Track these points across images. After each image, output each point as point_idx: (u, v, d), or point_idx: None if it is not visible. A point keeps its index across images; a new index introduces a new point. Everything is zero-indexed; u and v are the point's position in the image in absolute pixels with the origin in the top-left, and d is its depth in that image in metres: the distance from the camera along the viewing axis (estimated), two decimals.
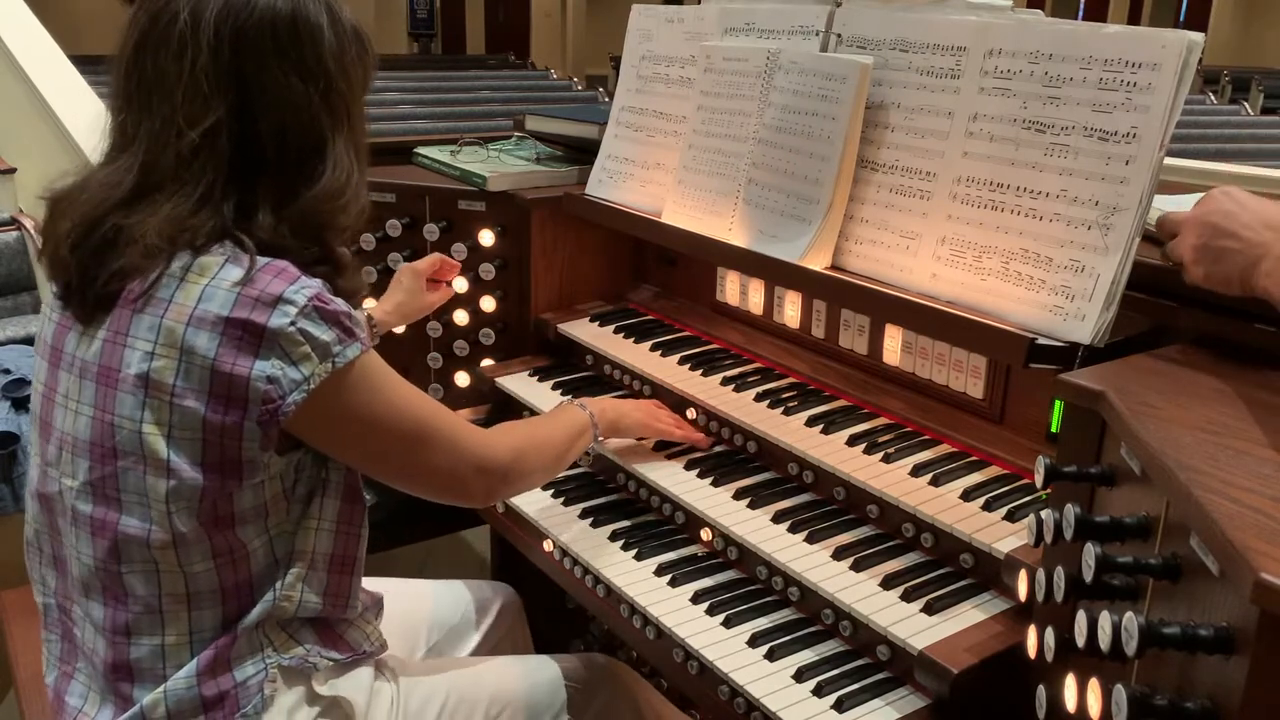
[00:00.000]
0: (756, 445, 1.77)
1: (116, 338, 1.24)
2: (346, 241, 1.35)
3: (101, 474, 1.25)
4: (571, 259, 2.27)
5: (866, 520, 1.59)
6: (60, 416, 1.30)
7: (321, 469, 1.35)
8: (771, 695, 1.36)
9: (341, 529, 1.37)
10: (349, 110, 1.32)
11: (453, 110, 7.95)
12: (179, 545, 1.25)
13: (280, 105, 1.26)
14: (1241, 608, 0.83)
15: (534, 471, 1.56)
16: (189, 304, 1.20)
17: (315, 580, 1.35)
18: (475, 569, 3.12)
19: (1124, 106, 1.38)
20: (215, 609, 1.29)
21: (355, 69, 1.33)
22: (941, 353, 1.70)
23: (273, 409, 1.21)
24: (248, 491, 1.26)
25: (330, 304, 1.24)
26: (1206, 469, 0.96)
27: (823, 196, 1.71)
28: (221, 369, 1.19)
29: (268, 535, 1.31)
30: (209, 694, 1.28)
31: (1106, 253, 1.38)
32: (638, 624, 1.58)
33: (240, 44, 1.24)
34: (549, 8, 18.16)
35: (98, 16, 14.72)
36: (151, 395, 1.21)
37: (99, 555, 1.27)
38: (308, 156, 1.28)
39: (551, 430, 1.63)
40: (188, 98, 1.23)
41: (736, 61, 1.92)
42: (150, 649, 1.29)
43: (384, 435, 1.31)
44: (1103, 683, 0.96)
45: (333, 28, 1.30)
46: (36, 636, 2.01)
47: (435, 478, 1.40)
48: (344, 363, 1.23)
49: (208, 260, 1.22)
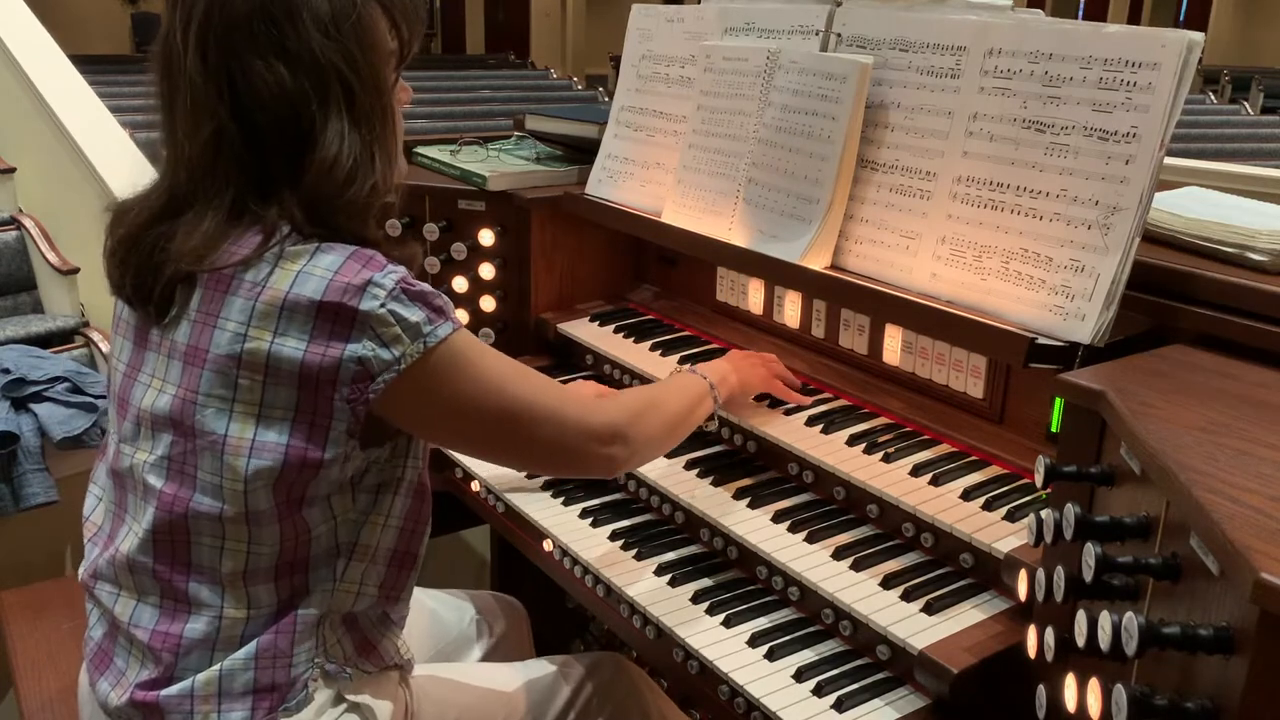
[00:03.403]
0: (756, 445, 1.77)
1: (207, 319, 1.24)
2: (377, 220, 1.30)
3: (182, 450, 1.26)
4: (571, 259, 2.27)
5: (866, 520, 1.59)
6: (140, 394, 1.31)
7: (399, 466, 1.35)
8: (771, 695, 1.36)
9: (407, 526, 1.38)
10: (345, 82, 1.25)
11: (453, 110, 7.96)
12: (251, 523, 1.26)
13: (274, 96, 1.22)
14: (1241, 608, 0.83)
15: (653, 438, 1.52)
16: (283, 288, 1.20)
17: (374, 574, 1.36)
18: (475, 569, 3.12)
19: (1124, 106, 1.38)
20: (270, 585, 1.29)
21: (359, 34, 1.25)
22: (941, 353, 1.70)
23: (362, 389, 1.21)
24: (323, 480, 1.26)
25: (416, 286, 1.24)
26: (1206, 469, 0.96)
27: (823, 196, 1.71)
28: (314, 351, 1.20)
29: (333, 521, 1.31)
30: (263, 681, 1.29)
31: (1106, 252, 1.38)
32: (638, 624, 1.57)
33: (223, 44, 1.22)
34: (549, 7, 18.16)
35: (98, 16, 14.73)
36: (243, 375, 1.22)
37: (166, 527, 1.27)
38: (300, 140, 1.24)
39: (667, 395, 1.59)
40: (186, 110, 1.24)
41: (736, 61, 1.92)
42: (208, 621, 1.28)
43: (482, 413, 1.31)
44: (1103, 683, 0.96)
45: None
46: (37, 636, 2.01)
47: (546, 453, 1.39)
48: (435, 341, 1.23)
49: (298, 248, 1.23)
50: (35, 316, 3.59)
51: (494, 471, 1.91)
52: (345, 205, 1.25)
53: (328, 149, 1.23)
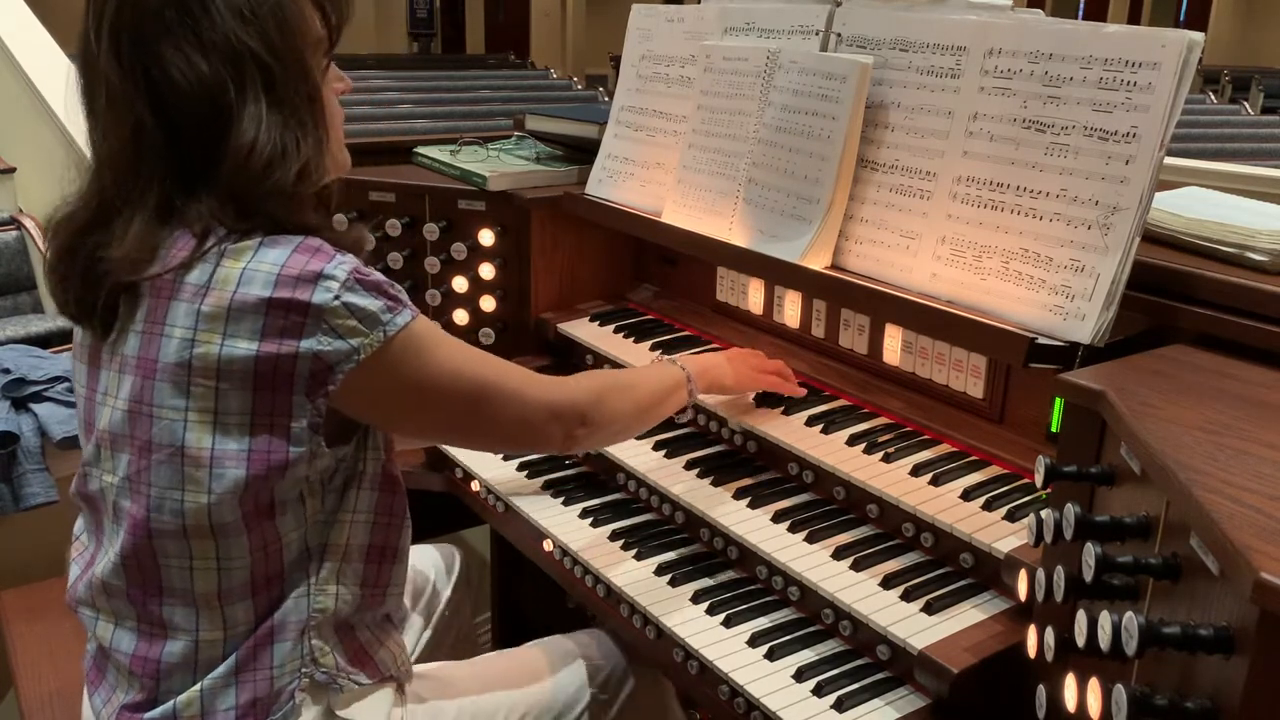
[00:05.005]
0: (756, 445, 1.77)
1: (153, 328, 1.21)
2: (318, 209, 1.27)
3: (138, 467, 1.23)
4: (571, 259, 2.27)
5: (866, 520, 1.59)
6: (100, 415, 1.28)
7: (359, 460, 1.33)
8: (771, 695, 1.36)
9: (380, 520, 1.36)
10: (264, 66, 1.20)
11: (453, 110, 7.94)
12: (218, 536, 1.23)
13: (190, 86, 1.17)
14: (1241, 608, 0.83)
15: (617, 418, 1.52)
16: (229, 288, 1.17)
17: (350, 573, 1.33)
18: (475, 569, 3.12)
19: (1124, 106, 1.38)
20: (247, 601, 1.27)
21: (278, 18, 1.21)
22: (941, 352, 1.70)
23: (320, 383, 1.20)
24: (290, 481, 1.24)
25: (370, 275, 1.21)
26: (1206, 469, 0.96)
27: (823, 196, 1.71)
28: (268, 349, 1.17)
29: (304, 527, 1.29)
30: (244, 696, 1.27)
31: (1106, 252, 1.38)
32: (638, 624, 1.57)
33: (136, 36, 1.18)
34: (549, 7, 18.16)
35: None
36: (195, 383, 1.19)
37: (132, 550, 1.25)
38: (219, 130, 1.19)
39: (637, 379, 1.59)
40: (105, 109, 1.21)
41: (736, 61, 1.92)
42: (185, 644, 1.27)
43: (444, 399, 1.30)
44: (1103, 682, 0.96)
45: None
46: (37, 636, 2.01)
47: (507, 430, 1.39)
48: (395, 330, 1.21)
49: (241, 245, 1.19)
50: (35, 316, 3.60)
51: (494, 472, 1.91)
52: (270, 193, 1.20)
53: (244, 135, 1.18)
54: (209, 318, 1.18)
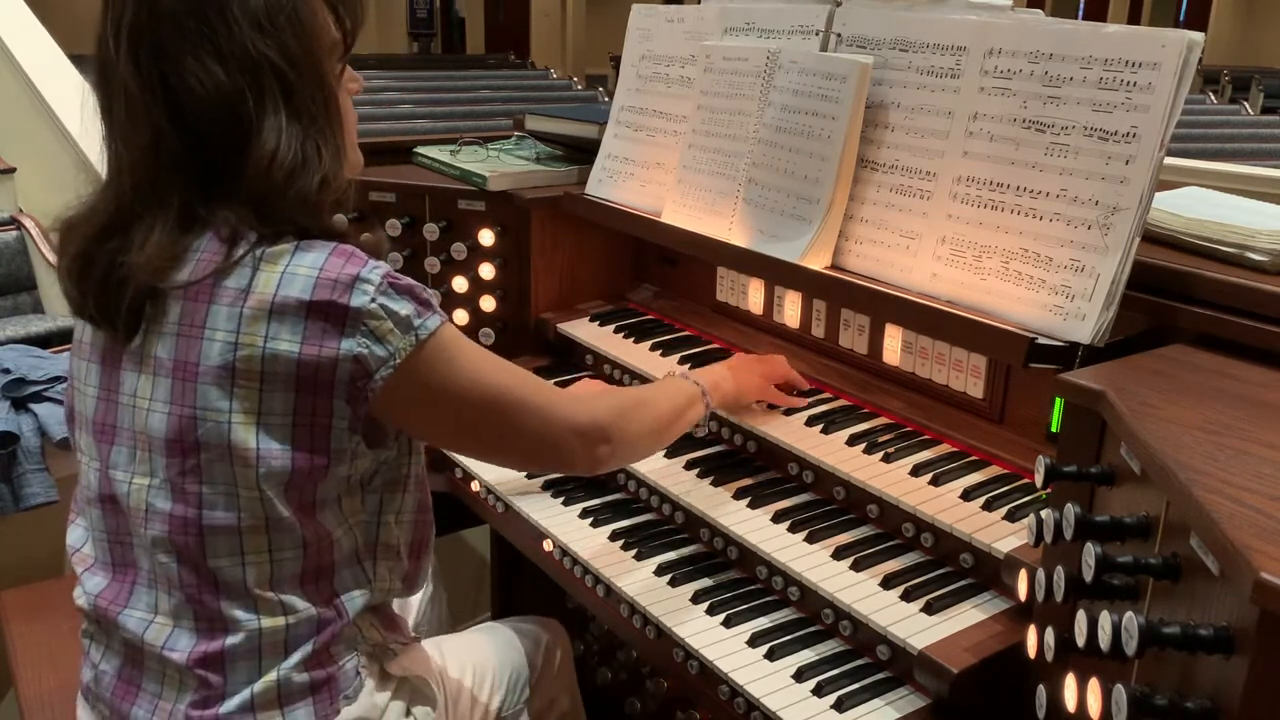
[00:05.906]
0: (756, 445, 1.77)
1: (191, 331, 1.21)
2: (328, 213, 1.27)
3: (183, 469, 1.24)
4: (571, 259, 2.27)
5: (866, 520, 1.59)
6: (128, 417, 1.27)
7: (404, 464, 1.37)
8: (771, 695, 1.36)
9: (419, 518, 1.42)
10: (282, 76, 1.21)
11: (453, 110, 7.94)
12: (271, 530, 1.25)
13: (209, 95, 1.18)
14: (1241, 608, 0.83)
15: (639, 436, 1.53)
16: (269, 290, 1.19)
17: (400, 569, 1.40)
18: (475, 569, 3.12)
19: (1124, 106, 1.38)
20: (298, 591, 1.29)
21: (295, 26, 1.22)
22: (941, 353, 1.70)
23: (361, 387, 1.21)
24: (332, 480, 1.27)
25: (402, 280, 1.23)
26: (1206, 469, 0.96)
27: (823, 196, 1.71)
28: (309, 351, 1.19)
29: (348, 524, 1.32)
30: (318, 678, 1.31)
31: (1106, 252, 1.38)
32: (638, 624, 1.57)
33: (154, 45, 1.19)
34: (549, 7, 18.16)
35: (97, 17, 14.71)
36: (239, 384, 1.20)
37: (183, 548, 1.25)
38: (239, 139, 1.20)
39: (654, 395, 1.60)
40: (124, 117, 1.21)
41: (736, 61, 1.92)
42: (246, 635, 1.27)
43: (471, 407, 1.31)
44: (1103, 683, 0.96)
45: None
46: (37, 636, 2.01)
47: (531, 446, 1.39)
48: (426, 334, 1.23)
49: (277, 249, 1.21)
50: (35, 316, 3.60)
51: (495, 473, 1.91)
52: (294, 201, 1.21)
53: (265, 145, 1.19)
54: (251, 320, 1.19)
